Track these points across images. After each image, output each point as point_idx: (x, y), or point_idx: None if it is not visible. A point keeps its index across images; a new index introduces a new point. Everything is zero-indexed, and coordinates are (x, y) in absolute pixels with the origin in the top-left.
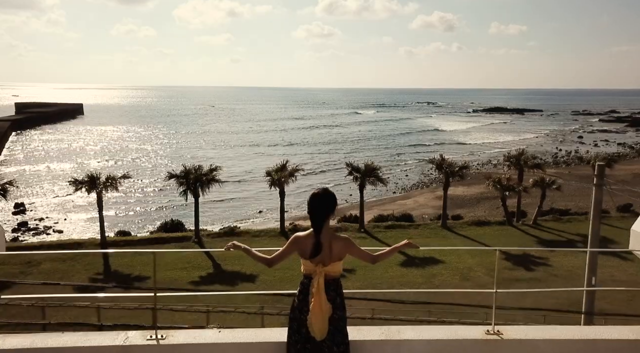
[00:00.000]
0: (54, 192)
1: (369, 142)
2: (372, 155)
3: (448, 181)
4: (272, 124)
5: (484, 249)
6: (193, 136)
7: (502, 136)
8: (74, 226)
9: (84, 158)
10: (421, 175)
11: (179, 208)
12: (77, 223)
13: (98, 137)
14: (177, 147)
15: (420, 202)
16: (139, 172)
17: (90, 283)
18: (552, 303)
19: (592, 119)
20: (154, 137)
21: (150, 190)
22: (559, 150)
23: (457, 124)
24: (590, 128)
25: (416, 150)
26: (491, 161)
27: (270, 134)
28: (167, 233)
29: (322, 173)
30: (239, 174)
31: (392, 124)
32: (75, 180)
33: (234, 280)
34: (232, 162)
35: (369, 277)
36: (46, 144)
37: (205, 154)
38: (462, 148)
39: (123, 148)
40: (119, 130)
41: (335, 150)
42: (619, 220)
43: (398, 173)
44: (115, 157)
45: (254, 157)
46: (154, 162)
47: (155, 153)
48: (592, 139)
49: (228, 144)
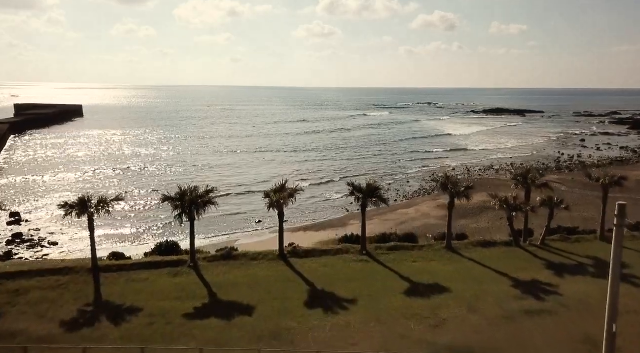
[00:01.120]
0: (50, 201)
1: (373, 148)
2: (375, 162)
3: (453, 202)
4: (274, 128)
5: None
6: (192, 141)
7: (504, 139)
8: (70, 236)
9: (81, 165)
10: (422, 182)
11: (176, 225)
12: (73, 234)
13: (97, 142)
14: (177, 153)
15: (422, 211)
16: (135, 182)
17: (79, 316)
18: (565, 337)
19: (593, 120)
20: (154, 141)
21: (146, 205)
22: (561, 155)
23: (459, 127)
24: (593, 130)
25: (419, 157)
26: (493, 166)
27: (273, 139)
28: (161, 256)
29: (324, 184)
30: (238, 183)
31: (396, 128)
32: (65, 204)
33: (231, 313)
34: (232, 171)
35: (372, 308)
36: (44, 150)
37: (206, 160)
38: (465, 154)
39: (121, 155)
40: (118, 134)
41: (338, 157)
42: (631, 240)
43: (401, 179)
44: (113, 164)
45: (258, 166)
46: (153, 170)
47: (154, 159)
48: (595, 142)
49: (230, 149)
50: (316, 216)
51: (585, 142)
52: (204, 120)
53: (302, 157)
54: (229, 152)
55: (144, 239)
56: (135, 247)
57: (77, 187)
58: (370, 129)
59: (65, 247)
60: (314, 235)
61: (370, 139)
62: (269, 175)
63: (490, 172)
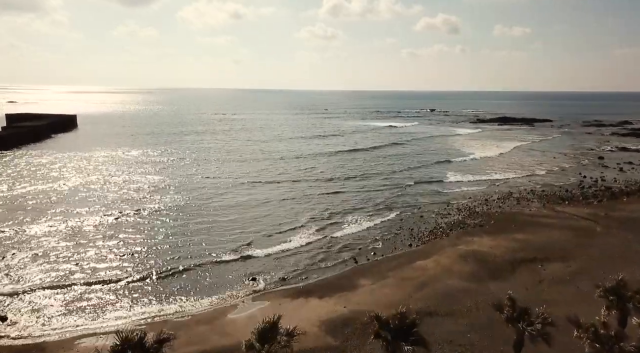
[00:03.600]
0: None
1: (377, 178)
2: (383, 197)
3: (522, 342)
4: (281, 147)
5: None
6: (194, 167)
7: (519, 156)
8: (26, 306)
9: (52, 208)
10: (437, 217)
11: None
12: (28, 302)
13: (79, 169)
14: (176, 188)
15: (442, 264)
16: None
17: None
18: None
19: (605, 131)
20: (149, 169)
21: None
22: (583, 177)
23: (480, 143)
24: (608, 145)
25: (431, 188)
26: (512, 194)
27: (278, 163)
28: None
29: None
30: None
31: (404, 149)
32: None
33: None
34: (230, 212)
35: None
36: (17, 181)
37: (212, 200)
38: (483, 181)
39: (102, 196)
40: (107, 157)
41: (341, 187)
42: None
43: (413, 214)
44: (88, 214)
45: (259, 206)
46: (137, 220)
47: (146, 201)
48: (614, 159)
49: (231, 176)
50: (321, 267)
51: (604, 161)
52: (206, 134)
53: (306, 190)
54: (237, 183)
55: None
56: None
57: None
58: (382, 150)
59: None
60: (316, 306)
61: (377, 168)
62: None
63: (511, 201)
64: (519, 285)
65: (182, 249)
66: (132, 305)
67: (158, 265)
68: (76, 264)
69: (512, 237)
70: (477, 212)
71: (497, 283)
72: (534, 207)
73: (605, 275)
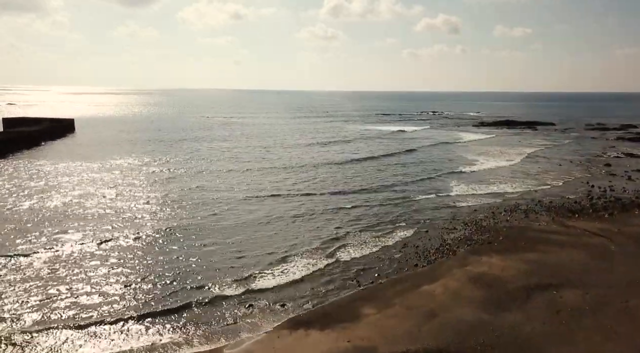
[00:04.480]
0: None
1: (385, 191)
2: (390, 212)
3: None
4: (285, 155)
5: None
6: (188, 181)
7: (525, 164)
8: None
9: (33, 230)
10: (443, 231)
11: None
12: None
13: (69, 185)
14: (167, 200)
15: (450, 287)
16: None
17: None
18: None
19: (610, 135)
20: (143, 180)
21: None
22: (591, 187)
23: (487, 149)
24: (614, 151)
25: (436, 200)
26: (519, 205)
27: (282, 174)
28: None
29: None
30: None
31: (410, 157)
32: None
33: None
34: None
35: None
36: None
37: (217, 221)
38: (489, 192)
39: (91, 212)
40: (102, 168)
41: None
42: None
43: (419, 231)
44: (75, 230)
45: (262, 232)
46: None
47: (136, 217)
48: (622, 166)
49: (232, 190)
50: (322, 291)
51: (611, 168)
52: (206, 141)
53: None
54: (239, 198)
55: None
56: None
57: None
58: (389, 159)
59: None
60: (317, 341)
61: (379, 180)
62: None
63: (518, 214)
64: (535, 316)
65: (177, 281)
66: (121, 344)
67: (149, 300)
68: (54, 300)
69: (523, 257)
70: (484, 227)
71: (512, 315)
72: (542, 221)
73: (627, 304)
